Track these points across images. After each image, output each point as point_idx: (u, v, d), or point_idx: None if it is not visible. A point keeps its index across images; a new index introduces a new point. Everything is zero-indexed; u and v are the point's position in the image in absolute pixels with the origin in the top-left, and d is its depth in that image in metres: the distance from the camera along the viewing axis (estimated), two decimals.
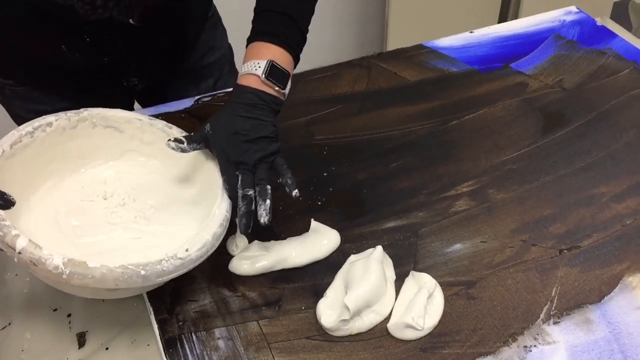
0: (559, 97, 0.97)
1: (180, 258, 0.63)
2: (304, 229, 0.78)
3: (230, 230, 0.70)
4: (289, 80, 0.74)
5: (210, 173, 0.72)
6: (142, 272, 0.59)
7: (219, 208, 0.68)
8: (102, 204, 0.73)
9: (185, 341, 0.66)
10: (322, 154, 0.88)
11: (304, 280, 0.72)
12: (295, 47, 0.75)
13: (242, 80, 0.73)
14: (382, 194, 0.83)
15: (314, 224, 0.78)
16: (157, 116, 0.93)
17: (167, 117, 0.93)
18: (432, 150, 0.89)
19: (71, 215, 0.71)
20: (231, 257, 0.74)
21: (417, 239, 0.77)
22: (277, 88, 0.73)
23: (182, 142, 0.71)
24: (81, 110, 0.73)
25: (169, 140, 0.71)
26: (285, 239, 0.76)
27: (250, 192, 0.69)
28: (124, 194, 0.75)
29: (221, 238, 0.68)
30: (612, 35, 1.09)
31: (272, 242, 0.75)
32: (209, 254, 0.66)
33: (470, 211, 0.81)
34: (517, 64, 1.04)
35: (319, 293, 0.70)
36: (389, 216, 0.80)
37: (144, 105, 1.03)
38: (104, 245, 0.69)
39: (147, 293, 0.70)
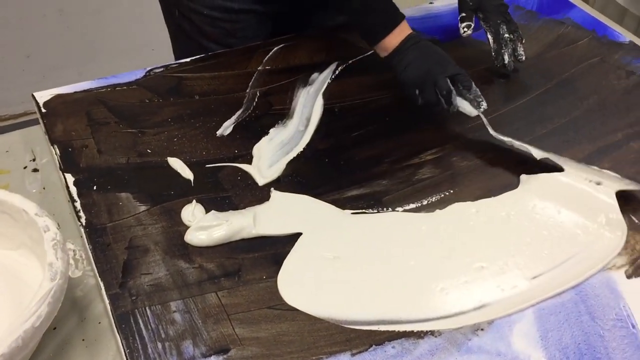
0: (520, 66, 0.96)
1: None
2: (263, 198, 0.75)
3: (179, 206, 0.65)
4: None
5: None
6: None
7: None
8: None
9: (139, 316, 0.62)
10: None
11: (265, 249, 0.69)
12: None
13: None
14: (344, 163, 0.80)
15: (274, 193, 0.75)
16: (107, 87, 0.88)
17: (117, 89, 0.88)
18: (394, 120, 0.87)
19: None
20: (187, 228, 0.70)
21: (380, 206, 0.75)
22: None
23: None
24: None
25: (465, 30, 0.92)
26: (244, 208, 0.73)
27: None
28: None
29: None
30: (571, 5, 1.09)
31: (230, 212, 0.72)
32: None
33: (434, 179, 0.79)
34: (478, 34, 1.02)
35: (280, 262, 0.67)
36: (352, 185, 0.77)
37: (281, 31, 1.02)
38: None
39: (97, 268, 0.66)
